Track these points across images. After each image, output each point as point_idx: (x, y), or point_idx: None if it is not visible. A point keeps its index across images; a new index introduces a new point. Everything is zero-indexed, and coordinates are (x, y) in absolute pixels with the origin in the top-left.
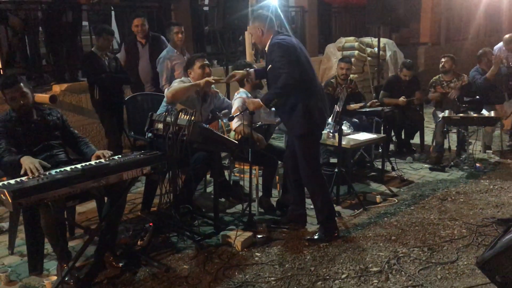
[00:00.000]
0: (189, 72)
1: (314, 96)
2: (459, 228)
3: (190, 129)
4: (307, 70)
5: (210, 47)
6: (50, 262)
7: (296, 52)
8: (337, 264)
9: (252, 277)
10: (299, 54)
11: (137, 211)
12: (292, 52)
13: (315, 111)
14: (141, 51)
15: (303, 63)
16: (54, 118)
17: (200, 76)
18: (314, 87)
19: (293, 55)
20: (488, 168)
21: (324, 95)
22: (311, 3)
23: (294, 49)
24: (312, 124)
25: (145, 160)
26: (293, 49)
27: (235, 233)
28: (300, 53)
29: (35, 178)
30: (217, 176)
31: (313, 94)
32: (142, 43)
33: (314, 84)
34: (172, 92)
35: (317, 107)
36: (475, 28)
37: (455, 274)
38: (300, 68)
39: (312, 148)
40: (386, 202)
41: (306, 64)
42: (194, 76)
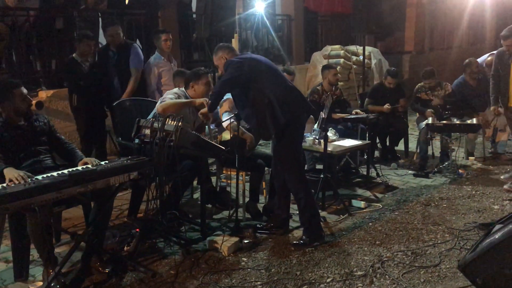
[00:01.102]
0: (192, 85)
1: (274, 92)
2: (442, 232)
3: (177, 135)
4: (260, 70)
5: (197, 55)
6: (36, 268)
7: (244, 61)
8: (322, 268)
9: (238, 281)
10: (246, 61)
11: (123, 217)
12: (236, 62)
13: (279, 107)
14: (110, 60)
15: (254, 65)
16: (41, 123)
17: (203, 93)
18: (273, 84)
19: (237, 64)
20: (470, 174)
21: (293, 88)
22: (298, 11)
23: (242, 60)
24: (278, 122)
25: (132, 165)
26: (238, 60)
27: (222, 238)
28: (253, 59)
29: (22, 184)
30: (205, 183)
31: (270, 93)
32: (113, 51)
33: (274, 81)
34: (163, 107)
35: (281, 103)
36: (459, 37)
37: (437, 277)
38: (242, 74)
39: (290, 143)
40: (371, 207)
41: (259, 65)
42: (196, 90)
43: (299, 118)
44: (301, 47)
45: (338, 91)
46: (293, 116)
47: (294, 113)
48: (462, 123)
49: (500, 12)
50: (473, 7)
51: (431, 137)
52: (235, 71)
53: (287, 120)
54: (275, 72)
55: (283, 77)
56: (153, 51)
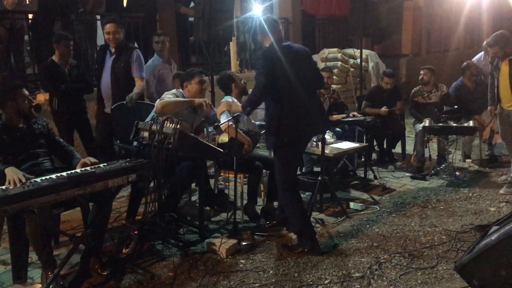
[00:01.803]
0: (186, 85)
1: (288, 109)
2: (439, 234)
3: (176, 138)
4: (283, 83)
5: (195, 57)
6: (35, 270)
7: (274, 65)
8: (320, 270)
9: (236, 283)
10: (277, 67)
11: (122, 219)
12: (269, 65)
13: (286, 126)
14: (106, 61)
15: (280, 76)
16: (40, 126)
17: (196, 92)
18: (289, 100)
19: (269, 68)
20: (467, 177)
21: (309, 109)
22: (295, 14)
23: (273, 62)
24: (281, 139)
25: (130, 168)
26: (270, 62)
27: (220, 241)
28: (283, 65)
29: (21, 186)
30: (203, 186)
31: (285, 108)
32: (111, 52)
33: (290, 97)
34: (163, 104)
35: (290, 122)
36: (456, 41)
37: (434, 279)
38: (274, 81)
39: (285, 162)
40: (368, 209)
41: (285, 77)
42: (190, 90)
43: (304, 138)
44: None
45: (335, 94)
46: (298, 136)
47: (300, 134)
48: (459, 126)
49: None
50: (470, 10)
51: (428, 140)
52: (266, 78)
53: (290, 139)
54: (296, 84)
55: (303, 91)
56: (151, 54)
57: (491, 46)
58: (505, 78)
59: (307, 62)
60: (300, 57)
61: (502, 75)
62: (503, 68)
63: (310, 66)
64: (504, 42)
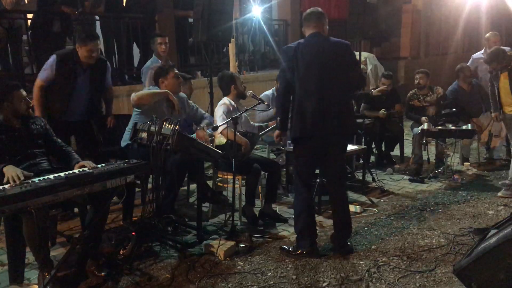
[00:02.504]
0: (162, 81)
1: (298, 106)
2: (437, 237)
3: (174, 139)
4: (297, 79)
5: (194, 58)
6: (31, 271)
7: (290, 60)
8: (318, 273)
9: (234, 285)
10: (294, 63)
11: (119, 220)
12: (285, 61)
13: (295, 121)
14: (79, 77)
15: (296, 72)
16: (38, 126)
17: (174, 85)
18: (301, 97)
19: (285, 64)
20: (465, 180)
21: (324, 108)
22: (294, 16)
23: (289, 57)
24: (292, 133)
25: (128, 169)
26: (286, 57)
27: (218, 242)
28: (298, 59)
29: (18, 186)
30: (196, 178)
31: (295, 104)
32: (83, 68)
33: (302, 93)
34: (138, 96)
35: (298, 118)
36: (454, 44)
37: (433, 282)
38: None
39: (297, 157)
40: (366, 212)
41: (300, 74)
42: (167, 85)
43: (316, 137)
44: None
45: None
46: (307, 134)
47: (309, 132)
48: (457, 129)
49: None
50: (469, 14)
51: (426, 143)
52: (283, 80)
53: (300, 135)
54: (312, 81)
55: (321, 89)
56: (150, 55)
57: (489, 63)
58: (506, 87)
59: (338, 59)
60: (327, 54)
61: (503, 85)
62: (502, 79)
63: (341, 64)
64: (501, 57)
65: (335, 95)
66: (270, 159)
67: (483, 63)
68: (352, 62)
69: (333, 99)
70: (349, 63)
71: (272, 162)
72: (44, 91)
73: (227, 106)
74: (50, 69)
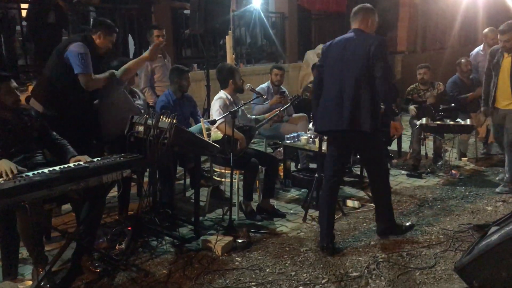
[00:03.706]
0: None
1: (321, 101)
2: (436, 234)
3: (172, 132)
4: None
5: (191, 51)
6: (25, 266)
7: (322, 56)
8: (317, 269)
9: (232, 282)
10: (323, 57)
11: (115, 214)
12: (320, 56)
13: (317, 116)
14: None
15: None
16: (32, 119)
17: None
18: (326, 90)
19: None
20: (463, 175)
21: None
22: (291, 9)
23: (322, 53)
24: (314, 127)
25: (124, 163)
26: (321, 53)
27: (216, 238)
28: (327, 56)
29: (12, 180)
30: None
31: (322, 97)
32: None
33: (326, 87)
34: (122, 71)
35: (319, 113)
36: (452, 38)
37: (433, 279)
38: (321, 71)
39: (326, 146)
40: (364, 207)
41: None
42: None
43: (334, 132)
44: (295, 45)
45: None
46: (327, 128)
47: (327, 126)
48: (456, 124)
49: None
50: (466, 8)
51: (424, 138)
52: (315, 75)
53: (320, 130)
54: (334, 77)
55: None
56: (145, 47)
57: (504, 32)
58: (507, 74)
59: (358, 57)
60: (349, 52)
61: (503, 70)
62: (505, 63)
63: (361, 61)
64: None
65: (351, 92)
66: (268, 154)
67: (484, 60)
68: (374, 59)
69: (350, 96)
70: (371, 60)
71: (270, 156)
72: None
73: (223, 100)
74: (89, 59)
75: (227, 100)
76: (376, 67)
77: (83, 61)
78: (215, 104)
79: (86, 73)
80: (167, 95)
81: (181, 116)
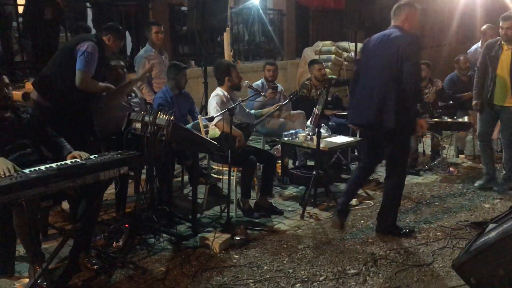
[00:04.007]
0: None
1: (354, 95)
2: (434, 231)
3: (169, 129)
4: (361, 68)
5: (188, 47)
6: (22, 264)
7: (360, 52)
8: (315, 266)
9: (230, 279)
10: (361, 54)
11: (112, 212)
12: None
13: (349, 109)
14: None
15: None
16: (29, 115)
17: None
18: (360, 84)
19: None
20: (461, 173)
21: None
22: (289, 6)
23: (360, 50)
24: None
25: (122, 160)
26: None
27: (213, 235)
28: (363, 53)
29: (8, 177)
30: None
31: (357, 91)
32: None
33: (360, 81)
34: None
35: (353, 106)
36: (449, 36)
37: (431, 276)
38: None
39: None
40: (362, 204)
41: (362, 63)
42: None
43: (364, 125)
44: (293, 42)
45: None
46: (358, 122)
47: (357, 120)
48: (454, 121)
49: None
50: (464, 5)
51: (422, 135)
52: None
53: (353, 123)
54: (365, 73)
55: (382, 77)
56: (143, 43)
57: (506, 19)
58: (506, 68)
59: (385, 54)
60: (378, 49)
61: (502, 64)
62: (504, 56)
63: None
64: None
65: (380, 88)
66: (266, 151)
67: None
68: (403, 58)
69: (379, 92)
70: (400, 59)
71: (268, 154)
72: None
73: (220, 97)
74: (94, 60)
75: (224, 97)
76: (404, 66)
77: (87, 60)
78: (212, 102)
79: (85, 71)
80: (164, 92)
81: (179, 113)
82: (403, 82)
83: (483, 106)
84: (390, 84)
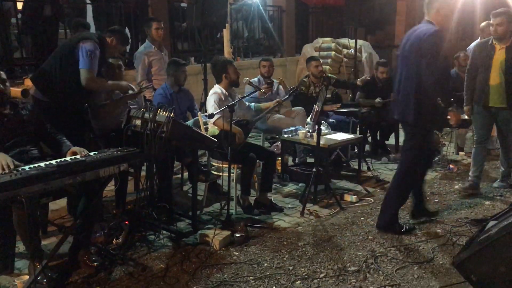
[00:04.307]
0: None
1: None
2: (434, 228)
3: (169, 126)
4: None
5: (188, 44)
6: (22, 261)
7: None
8: (315, 264)
9: (230, 276)
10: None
11: (112, 209)
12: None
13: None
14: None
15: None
16: (28, 112)
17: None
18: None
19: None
20: (461, 170)
21: (399, 90)
22: (289, 2)
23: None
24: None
25: (122, 157)
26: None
27: (213, 232)
28: (399, 49)
29: (8, 174)
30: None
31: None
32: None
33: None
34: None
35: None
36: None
37: (431, 273)
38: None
39: None
40: (362, 201)
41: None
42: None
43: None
44: (293, 38)
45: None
46: (393, 116)
47: (393, 115)
48: None
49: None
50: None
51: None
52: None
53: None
54: (403, 68)
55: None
56: (142, 40)
57: (496, 16)
58: (501, 68)
59: (410, 50)
60: (405, 44)
61: (495, 64)
62: (497, 56)
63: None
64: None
65: (405, 84)
66: (265, 148)
67: None
68: (422, 53)
69: (404, 87)
70: (419, 54)
71: (267, 151)
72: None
73: (218, 95)
74: (97, 59)
75: (221, 95)
76: (422, 62)
77: (90, 58)
78: (210, 100)
79: (90, 69)
80: (164, 89)
81: (178, 110)
82: (422, 78)
83: (479, 109)
84: (412, 79)
